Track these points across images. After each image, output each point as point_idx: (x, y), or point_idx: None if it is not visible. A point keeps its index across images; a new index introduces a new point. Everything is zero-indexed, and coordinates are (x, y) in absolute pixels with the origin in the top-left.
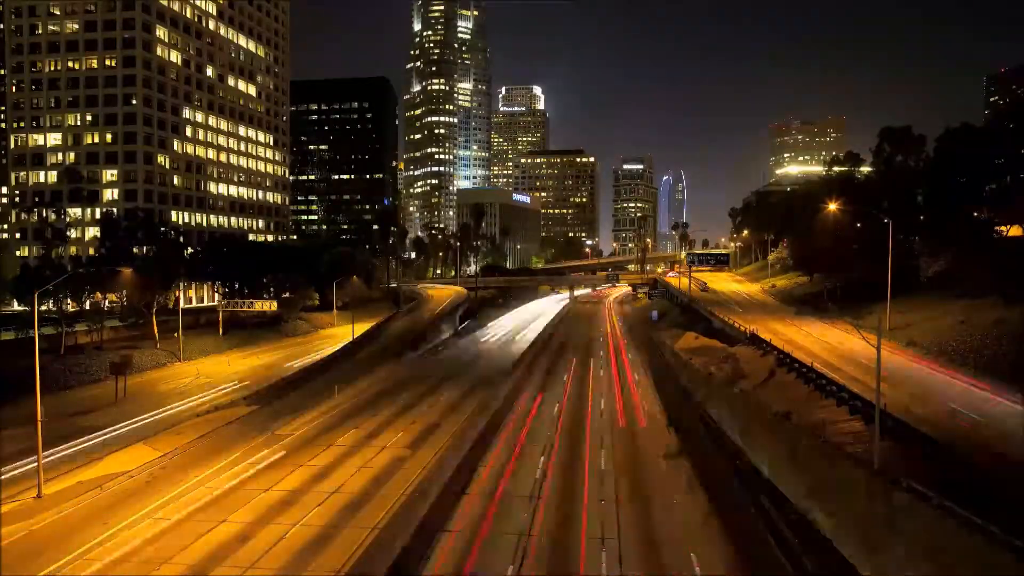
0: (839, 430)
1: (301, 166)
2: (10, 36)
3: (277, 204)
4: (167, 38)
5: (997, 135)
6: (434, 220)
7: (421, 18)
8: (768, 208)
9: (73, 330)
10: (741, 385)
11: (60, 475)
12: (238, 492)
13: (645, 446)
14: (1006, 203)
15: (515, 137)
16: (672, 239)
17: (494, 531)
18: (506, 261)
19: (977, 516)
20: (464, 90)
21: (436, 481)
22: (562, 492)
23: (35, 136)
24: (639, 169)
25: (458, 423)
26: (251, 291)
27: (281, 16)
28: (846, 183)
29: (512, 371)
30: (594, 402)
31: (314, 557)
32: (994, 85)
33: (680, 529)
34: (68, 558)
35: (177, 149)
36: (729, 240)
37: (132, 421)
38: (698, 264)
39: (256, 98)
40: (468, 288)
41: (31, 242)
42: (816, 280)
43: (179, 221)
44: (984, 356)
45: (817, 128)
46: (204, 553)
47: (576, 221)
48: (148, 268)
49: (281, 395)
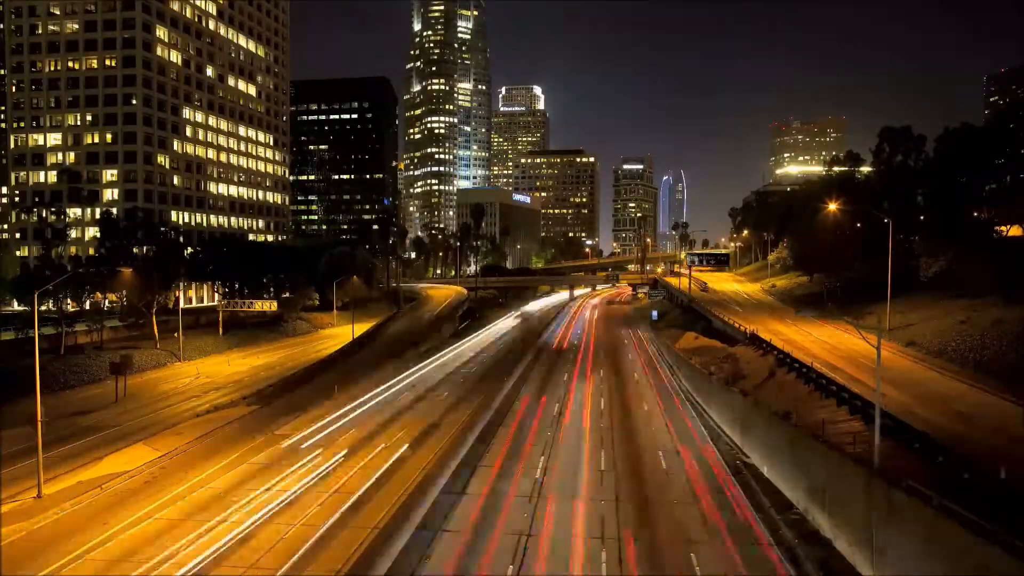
0: (839, 430)
1: (301, 166)
2: (10, 36)
3: (277, 204)
4: (167, 38)
5: (997, 135)
6: (434, 220)
7: (421, 18)
8: (768, 208)
9: (73, 330)
10: (741, 385)
11: (60, 475)
12: (238, 492)
13: (645, 446)
14: (1006, 203)
15: (515, 137)
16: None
17: (494, 531)
18: (506, 261)
19: (977, 516)
20: (464, 90)
21: (436, 481)
22: (562, 492)
23: (35, 136)
24: (639, 169)
25: (458, 423)
26: (251, 291)
27: (281, 16)
28: (846, 183)
29: (512, 370)
30: (594, 402)
31: (314, 557)
32: (994, 85)
33: (680, 529)
34: (68, 558)
35: (177, 149)
36: (729, 240)
37: (132, 421)
38: (698, 264)
39: (256, 98)
40: (468, 288)
41: (31, 242)
42: (816, 280)
43: (179, 221)
44: (984, 356)
45: (817, 128)
46: (204, 553)
47: (576, 221)
48: (148, 268)
49: (281, 395)
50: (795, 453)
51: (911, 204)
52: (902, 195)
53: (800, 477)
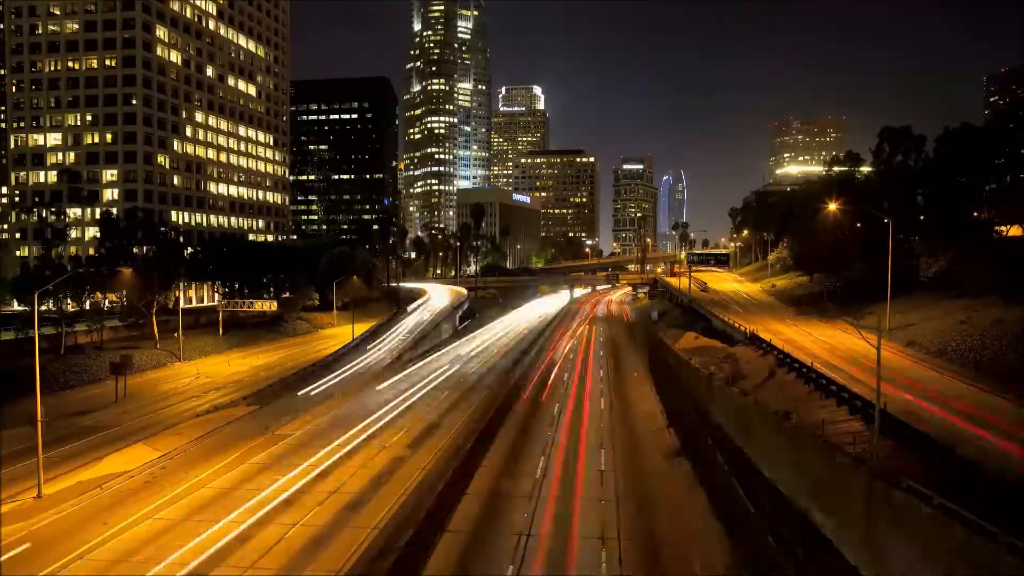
0: (839, 430)
1: (301, 166)
2: (10, 36)
3: (277, 204)
4: (167, 38)
5: (997, 135)
6: (434, 220)
7: (421, 18)
8: (768, 208)
9: (73, 330)
10: (741, 385)
11: (60, 475)
12: (238, 492)
13: (645, 446)
14: (1006, 203)
15: (515, 137)
16: (672, 239)
17: (494, 531)
18: (506, 261)
19: (977, 516)
20: (464, 90)
21: (436, 481)
22: (562, 492)
23: (35, 136)
24: (639, 169)
25: (458, 423)
26: (251, 291)
27: (281, 16)
28: (846, 183)
29: (512, 370)
30: (594, 402)
31: (314, 557)
32: (994, 85)
33: (680, 529)
34: (68, 558)
35: (177, 149)
36: (729, 240)
37: (132, 421)
38: (698, 264)
39: (256, 98)
40: (468, 288)
41: (31, 242)
42: (816, 280)
43: (179, 221)
44: (984, 356)
45: (817, 128)
46: (204, 553)
47: (576, 221)
48: (148, 268)
49: (281, 395)
50: (795, 453)
51: (911, 204)
52: (902, 195)
53: (800, 477)
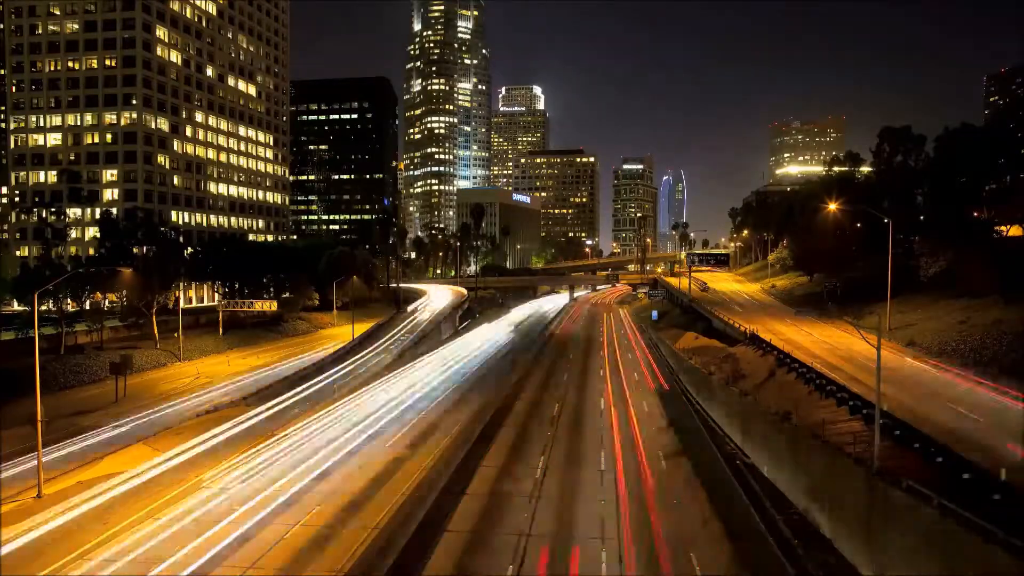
0: (839, 430)
1: (301, 166)
2: (10, 36)
3: (277, 204)
4: (167, 38)
5: (997, 135)
6: (434, 220)
7: (421, 18)
8: (768, 208)
9: (73, 330)
10: (741, 385)
11: (60, 475)
12: (238, 492)
13: (645, 446)
14: (1006, 203)
15: (515, 137)
16: (672, 239)
17: (494, 531)
18: (506, 261)
19: (977, 516)
20: (464, 90)
21: (436, 481)
22: (562, 492)
23: (35, 136)
24: (639, 169)
25: (458, 423)
26: (251, 291)
27: (281, 16)
28: (846, 183)
29: (512, 370)
30: (593, 402)
31: (314, 557)
32: (994, 85)
33: (680, 529)
34: (68, 558)
35: (177, 149)
36: (729, 240)
37: (132, 421)
38: (698, 264)
39: (256, 98)
40: (468, 288)
41: (31, 242)
42: (816, 280)
43: (179, 221)
44: (984, 356)
45: (817, 128)
46: (204, 553)
47: (576, 221)
48: (148, 268)
49: (281, 395)
50: (795, 453)
51: (911, 204)
52: (902, 195)
53: (800, 477)
